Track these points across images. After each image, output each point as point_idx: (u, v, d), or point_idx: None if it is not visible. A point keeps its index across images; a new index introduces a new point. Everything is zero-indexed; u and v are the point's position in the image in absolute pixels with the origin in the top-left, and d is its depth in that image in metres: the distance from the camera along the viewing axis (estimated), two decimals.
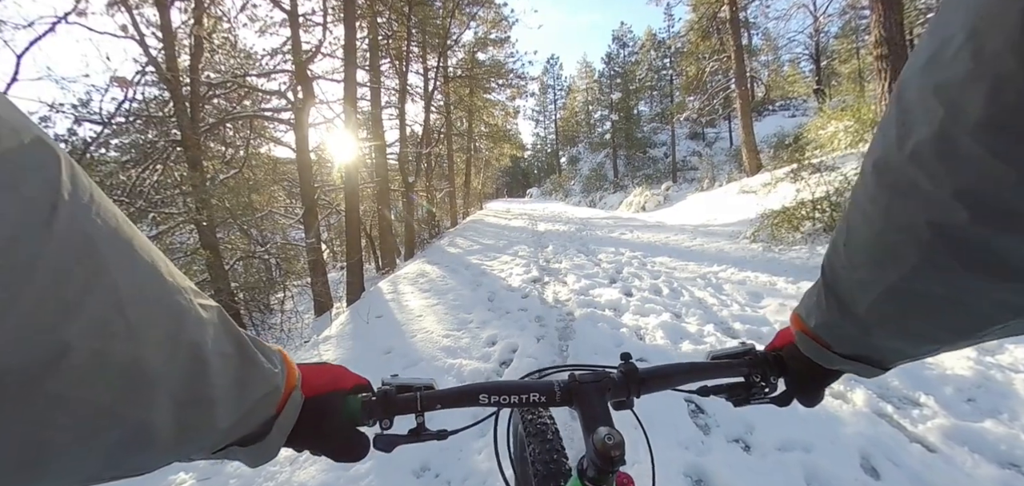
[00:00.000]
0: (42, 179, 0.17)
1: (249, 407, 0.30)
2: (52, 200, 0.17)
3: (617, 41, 32.43)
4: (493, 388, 0.47)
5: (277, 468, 1.91)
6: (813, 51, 21.62)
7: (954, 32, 0.23)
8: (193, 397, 0.24)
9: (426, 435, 0.47)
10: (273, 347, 0.36)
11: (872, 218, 0.32)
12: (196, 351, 0.24)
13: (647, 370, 0.52)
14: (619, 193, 20.90)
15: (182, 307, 0.24)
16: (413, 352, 3.14)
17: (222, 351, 0.27)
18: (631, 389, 0.50)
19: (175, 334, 0.23)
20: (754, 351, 0.54)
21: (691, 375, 0.53)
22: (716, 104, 20.07)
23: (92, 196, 0.20)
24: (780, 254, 5.06)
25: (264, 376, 0.31)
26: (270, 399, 0.33)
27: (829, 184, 4.71)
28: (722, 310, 3.48)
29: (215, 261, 5.80)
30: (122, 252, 0.20)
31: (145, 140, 6.36)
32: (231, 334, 0.28)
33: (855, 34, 18.28)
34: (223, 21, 7.71)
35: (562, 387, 0.48)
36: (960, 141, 0.23)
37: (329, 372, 0.44)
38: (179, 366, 0.23)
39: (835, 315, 0.40)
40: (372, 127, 9.81)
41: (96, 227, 0.19)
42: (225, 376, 0.27)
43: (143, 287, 0.21)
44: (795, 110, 22.53)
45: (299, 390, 0.37)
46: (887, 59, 6.13)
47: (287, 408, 0.35)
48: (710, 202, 10.74)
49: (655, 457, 0.58)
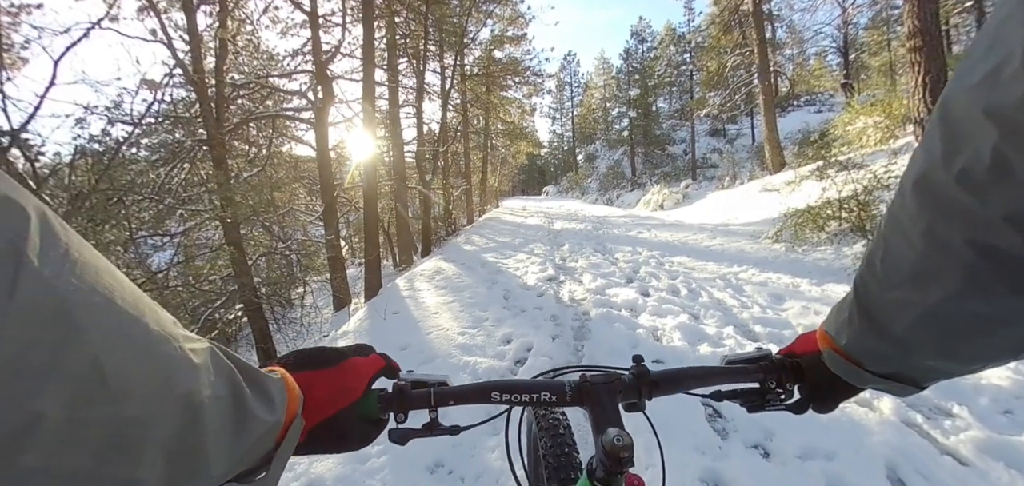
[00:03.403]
0: (3, 243, 0.16)
1: (246, 448, 0.29)
2: (14, 267, 0.16)
3: (635, 36, 31.94)
4: (505, 386, 0.48)
5: (295, 459, 1.96)
6: (841, 43, 20.84)
7: (1012, 51, 0.22)
8: (185, 448, 0.23)
9: (439, 430, 0.48)
10: (273, 375, 0.34)
11: (912, 238, 0.31)
12: (188, 400, 0.23)
13: (659, 373, 0.52)
14: (637, 191, 20.63)
15: (171, 357, 0.23)
16: (429, 349, 3.17)
17: (216, 395, 0.25)
18: (642, 391, 0.50)
19: (163, 386, 0.22)
20: (770, 357, 0.53)
21: (705, 379, 0.52)
22: (738, 100, 19.58)
23: (67, 252, 0.18)
24: (804, 255, 4.91)
25: (258, 418, 0.29)
26: (269, 435, 0.31)
27: (857, 182, 4.54)
28: (742, 312, 3.40)
29: (239, 256, 5.97)
30: (100, 309, 0.19)
31: (173, 140, 6.60)
32: (224, 374, 0.27)
33: (886, 25, 17.53)
34: (247, 24, 7.92)
35: (573, 387, 0.48)
36: (1016, 165, 0.23)
37: (338, 380, 0.41)
38: (168, 419, 0.22)
39: (869, 335, 0.39)
40: (390, 126, 9.92)
41: (70, 286, 0.18)
42: (219, 420, 0.25)
43: (125, 343, 0.20)
44: (821, 105, 21.78)
45: (300, 418, 0.36)
46: (921, 51, 5.86)
47: (288, 438, 0.34)
48: (731, 201, 10.50)
49: (670, 461, 0.58)
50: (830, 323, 0.45)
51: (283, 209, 8.10)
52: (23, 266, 0.16)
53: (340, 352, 0.43)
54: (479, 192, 20.31)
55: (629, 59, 31.59)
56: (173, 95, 6.27)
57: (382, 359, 0.47)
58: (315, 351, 0.42)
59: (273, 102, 8.21)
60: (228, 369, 0.28)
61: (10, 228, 0.16)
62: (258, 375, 0.31)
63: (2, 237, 0.15)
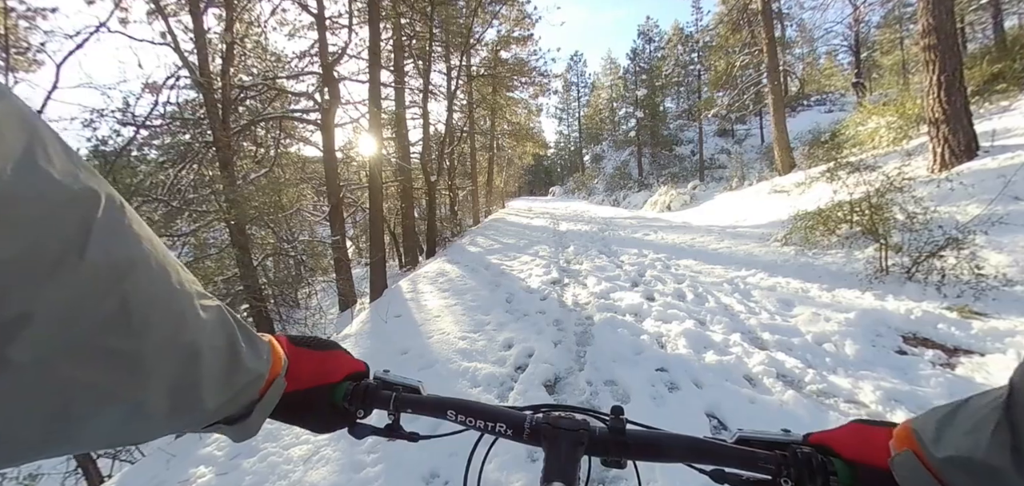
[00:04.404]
0: (78, 217, 0.22)
1: (234, 392, 0.34)
2: (85, 235, 0.22)
3: (643, 36, 31.74)
4: (462, 407, 0.46)
5: (290, 467, 1.93)
6: (853, 42, 20.50)
7: None
8: (185, 384, 0.28)
9: (400, 434, 0.49)
10: (263, 338, 0.40)
11: None
12: (191, 347, 0.29)
13: (642, 434, 0.43)
14: (644, 192, 20.47)
15: (183, 310, 0.28)
16: (429, 353, 3.14)
17: (214, 345, 0.31)
18: (611, 449, 0.42)
19: (173, 334, 0.27)
20: (794, 447, 0.41)
21: (702, 454, 0.42)
22: (746, 100, 19.36)
23: (121, 224, 0.25)
24: (814, 259, 4.80)
25: (246, 368, 0.35)
26: (253, 386, 0.37)
27: (869, 184, 4.42)
28: (750, 318, 3.32)
29: (244, 258, 6.00)
30: (139, 268, 0.25)
31: (181, 142, 6.65)
32: (225, 330, 0.33)
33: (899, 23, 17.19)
34: (254, 26, 7.97)
35: (532, 424, 0.44)
36: None
37: (321, 362, 0.47)
38: (174, 359, 0.27)
39: (1009, 459, 0.27)
40: (396, 127, 9.92)
41: (120, 251, 0.24)
42: (214, 367, 0.31)
43: (151, 298, 0.26)
44: (832, 105, 21.45)
45: (282, 378, 0.41)
46: (936, 49, 5.72)
47: (269, 393, 0.39)
48: (739, 202, 10.36)
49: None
50: (927, 426, 0.33)
51: (290, 209, 8.14)
52: (90, 235, 0.22)
53: (331, 344, 0.49)
54: (485, 193, 20.28)
55: (636, 59, 31.42)
56: (180, 97, 6.32)
57: (363, 365, 0.51)
58: (310, 336, 0.49)
59: (280, 103, 8.25)
60: (229, 326, 0.34)
61: (85, 206, 0.23)
62: (252, 334, 0.37)
63: (79, 212, 0.22)
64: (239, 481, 1.91)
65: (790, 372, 2.48)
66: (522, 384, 2.57)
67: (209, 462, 2.08)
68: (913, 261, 3.68)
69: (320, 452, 2.01)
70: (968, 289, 3.26)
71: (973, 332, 2.71)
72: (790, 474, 0.39)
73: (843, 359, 2.60)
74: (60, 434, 0.23)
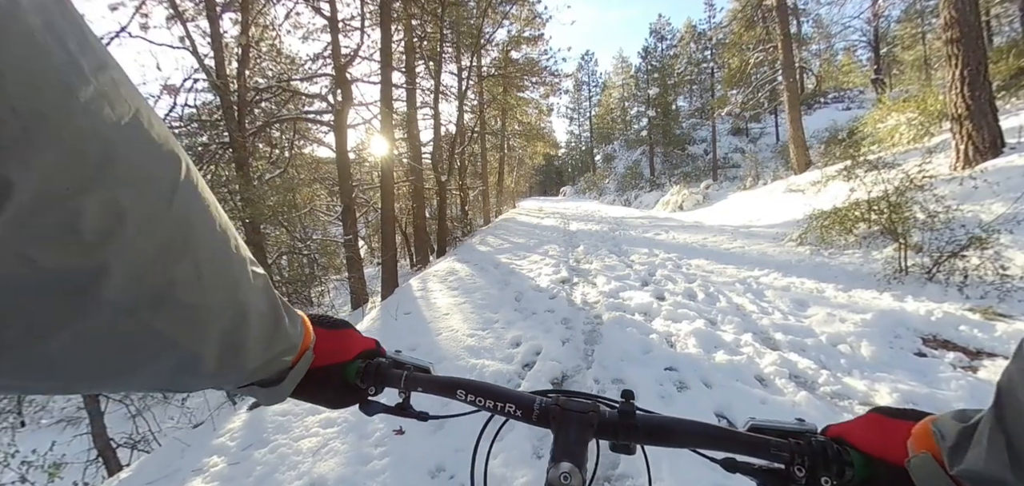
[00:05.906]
0: (169, 177, 0.24)
1: (272, 356, 0.37)
2: (172, 191, 0.24)
3: (654, 34, 31.44)
4: (472, 387, 0.47)
5: (300, 458, 1.97)
6: (871, 37, 19.98)
7: None
8: (234, 341, 0.31)
9: (409, 412, 0.50)
10: (298, 313, 0.43)
11: None
12: (242, 308, 0.31)
13: (652, 419, 0.43)
14: (656, 192, 20.27)
15: (240, 274, 0.31)
16: (438, 350, 3.16)
17: (260, 310, 0.33)
18: (620, 433, 0.42)
19: (230, 293, 0.30)
20: (807, 437, 0.40)
21: (713, 441, 0.41)
22: (761, 98, 19.04)
23: (196, 187, 0.27)
24: (830, 258, 4.70)
25: (286, 335, 0.38)
26: (288, 354, 0.40)
27: (888, 183, 4.30)
28: (762, 318, 3.27)
29: (259, 256, 6.12)
30: (207, 228, 0.28)
31: (198, 143, 6.81)
32: (269, 298, 0.35)
33: (920, 17, 16.69)
34: (269, 29, 8.12)
35: (542, 406, 0.44)
36: None
37: (339, 341, 0.49)
38: (228, 316, 0.30)
39: (1008, 469, 0.27)
40: (407, 127, 10.01)
41: (195, 211, 0.27)
42: (259, 329, 0.33)
43: (215, 256, 0.28)
44: (849, 102, 20.94)
45: (311, 351, 0.44)
46: (959, 43, 5.55)
47: (299, 364, 0.42)
48: (753, 202, 10.19)
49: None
50: (946, 433, 0.32)
51: (304, 209, 8.27)
52: (176, 191, 0.25)
53: (343, 322, 0.52)
54: (496, 193, 20.31)
55: (648, 57, 31.11)
56: (197, 100, 6.47)
57: (374, 342, 0.53)
58: (325, 315, 0.51)
59: (295, 105, 8.39)
60: (273, 295, 0.36)
61: (172, 167, 0.25)
62: (290, 307, 0.41)
63: (170, 172, 0.25)
64: (251, 471, 1.95)
65: (803, 373, 2.43)
66: (529, 381, 2.57)
67: (222, 452, 2.13)
68: (934, 261, 3.58)
69: (329, 444, 2.04)
70: (992, 290, 3.15)
71: (997, 334, 2.62)
72: (804, 463, 0.38)
73: (859, 360, 2.54)
74: (121, 373, 0.25)
